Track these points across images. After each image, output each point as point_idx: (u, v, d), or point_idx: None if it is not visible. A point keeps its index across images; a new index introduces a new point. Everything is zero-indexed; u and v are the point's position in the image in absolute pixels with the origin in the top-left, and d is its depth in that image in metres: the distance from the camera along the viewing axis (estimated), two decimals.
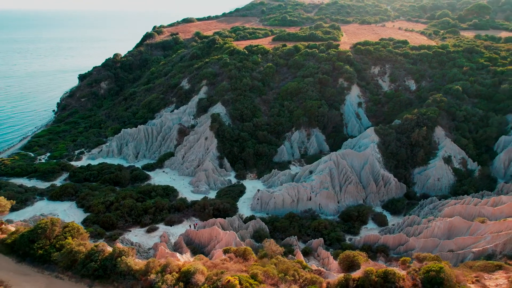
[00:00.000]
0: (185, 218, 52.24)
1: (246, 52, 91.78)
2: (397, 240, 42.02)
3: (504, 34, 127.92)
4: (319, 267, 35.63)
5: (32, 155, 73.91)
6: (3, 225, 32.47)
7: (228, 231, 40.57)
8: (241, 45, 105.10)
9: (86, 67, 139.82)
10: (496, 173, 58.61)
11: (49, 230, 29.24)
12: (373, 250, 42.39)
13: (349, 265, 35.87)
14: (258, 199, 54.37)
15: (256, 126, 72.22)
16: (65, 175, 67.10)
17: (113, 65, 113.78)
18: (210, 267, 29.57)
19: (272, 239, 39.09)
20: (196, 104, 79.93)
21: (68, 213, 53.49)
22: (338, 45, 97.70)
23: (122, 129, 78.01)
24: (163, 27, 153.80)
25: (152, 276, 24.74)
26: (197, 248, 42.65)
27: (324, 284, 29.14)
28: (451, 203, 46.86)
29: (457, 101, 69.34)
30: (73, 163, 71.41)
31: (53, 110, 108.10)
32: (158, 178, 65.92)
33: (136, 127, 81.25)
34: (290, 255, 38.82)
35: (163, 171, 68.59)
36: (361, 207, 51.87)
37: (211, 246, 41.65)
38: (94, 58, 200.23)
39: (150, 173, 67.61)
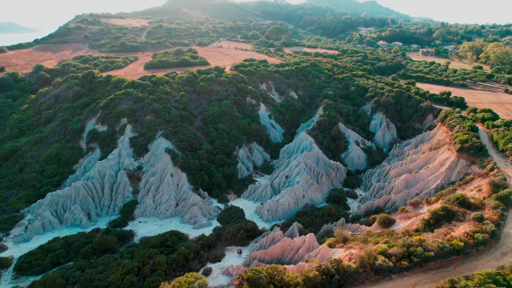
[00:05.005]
0: (223, 250, 53.87)
1: (150, 84, 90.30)
2: (384, 200, 61.51)
3: (307, 50, 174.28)
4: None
5: None
6: None
7: (304, 235, 48.34)
8: (127, 75, 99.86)
9: None
10: (380, 145, 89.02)
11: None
12: (374, 212, 60.27)
13: (389, 223, 52.15)
14: (268, 210, 61.98)
15: (207, 152, 76.25)
16: (7, 273, 51.58)
17: None
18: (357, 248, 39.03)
19: (341, 227, 50.32)
20: (128, 144, 74.41)
21: None
22: (224, 68, 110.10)
23: (49, 193, 63.51)
24: None
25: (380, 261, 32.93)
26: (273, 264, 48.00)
27: (414, 230, 44.28)
28: (387, 169, 71.08)
29: (335, 102, 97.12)
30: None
31: None
32: (144, 229, 60.61)
33: (55, 186, 68.28)
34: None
35: (140, 222, 62.96)
36: (337, 189, 69.01)
37: (291, 254, 48.12)
38: None
39: (127, 229, 60.77)
